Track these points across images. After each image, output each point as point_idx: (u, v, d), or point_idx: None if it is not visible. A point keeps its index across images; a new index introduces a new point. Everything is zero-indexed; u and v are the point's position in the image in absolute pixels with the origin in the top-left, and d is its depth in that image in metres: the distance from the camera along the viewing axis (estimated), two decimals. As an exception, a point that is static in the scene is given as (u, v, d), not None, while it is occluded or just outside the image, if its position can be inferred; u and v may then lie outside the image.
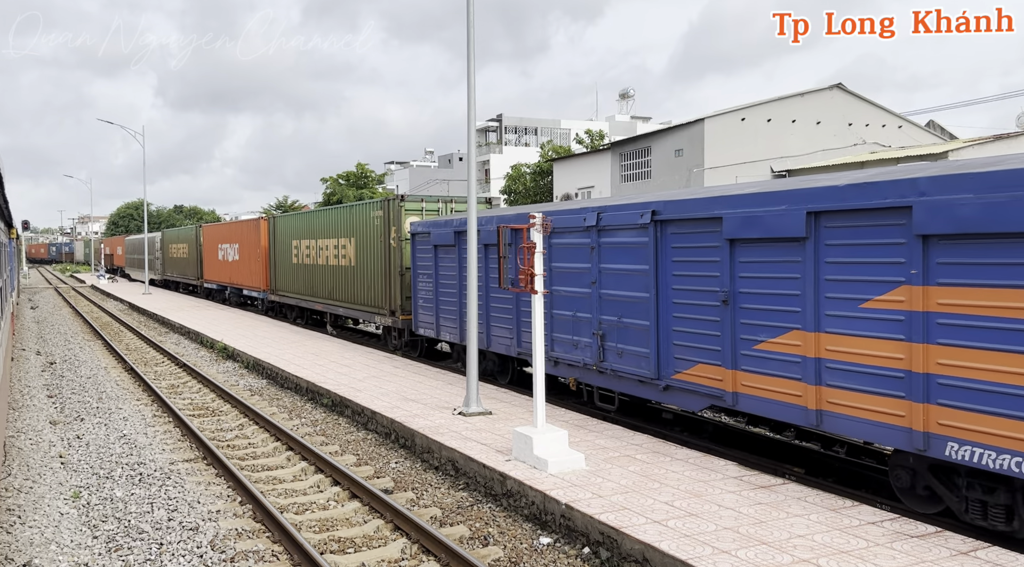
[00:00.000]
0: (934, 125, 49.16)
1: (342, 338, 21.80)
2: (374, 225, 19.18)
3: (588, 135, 55.68)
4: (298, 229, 24.96)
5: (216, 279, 35.72)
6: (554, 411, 11.44)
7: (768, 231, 8.57)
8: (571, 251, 11.79)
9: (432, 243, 15.72)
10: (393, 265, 18.17)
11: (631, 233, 10.61)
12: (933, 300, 7.03)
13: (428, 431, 10.55)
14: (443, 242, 15.28)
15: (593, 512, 7.31)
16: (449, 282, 15.26)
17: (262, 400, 14.81)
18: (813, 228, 8.08)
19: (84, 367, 19.09)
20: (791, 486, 8.16)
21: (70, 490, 9.40)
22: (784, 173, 37.30)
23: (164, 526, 8.12)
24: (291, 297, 25.54)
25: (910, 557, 6.24)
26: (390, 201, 18.55)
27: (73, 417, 13.53)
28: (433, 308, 15.88)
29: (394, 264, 18.13)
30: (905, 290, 7.24)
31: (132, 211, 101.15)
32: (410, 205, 18.38)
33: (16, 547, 7.51)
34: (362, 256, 19.94)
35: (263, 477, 9.92)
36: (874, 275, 7.54)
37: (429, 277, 16.01)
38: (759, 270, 8.77)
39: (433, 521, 8.20)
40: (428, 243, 15.93)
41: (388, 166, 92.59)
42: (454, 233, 14.82)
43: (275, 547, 7.58)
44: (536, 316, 9.35)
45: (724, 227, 9.08)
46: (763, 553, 6.35)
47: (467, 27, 11.46)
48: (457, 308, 14.94)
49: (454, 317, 15.14)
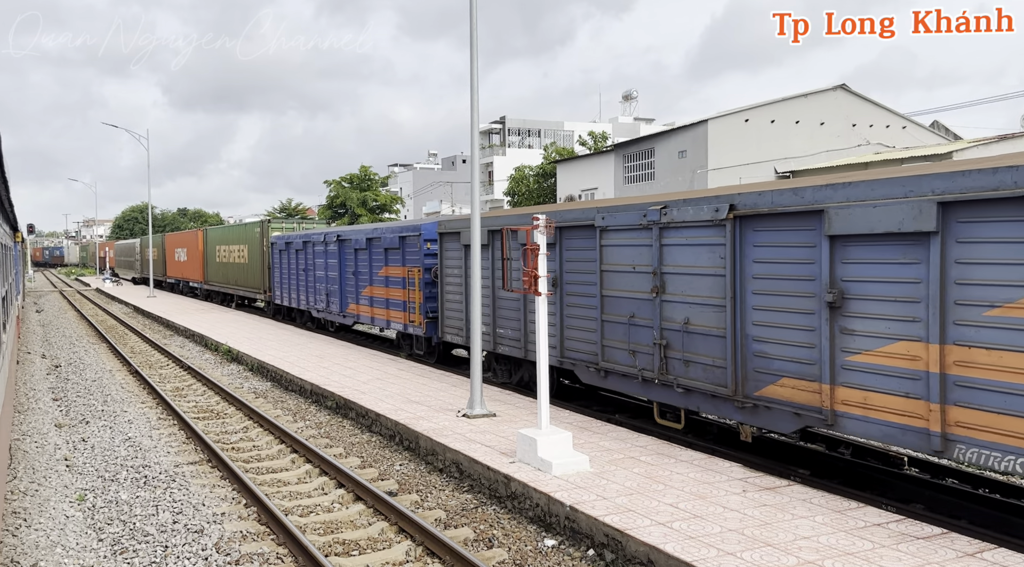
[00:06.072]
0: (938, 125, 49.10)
1: (346, 340, 21.83)
2: (256, 237, 29.49)
3: (591, 137, 55.68)
4: (220, 238, 35.16)
5: (174, 275, 45.86)
6: (558, 413, 11.43)
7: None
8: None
9: (283, 247, 25.90)
10: (265, 262, 28.51)
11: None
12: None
13: (432, 433, 10.55)
14: (288, 247, 25.26)
15: (598, 514, 7.31)
16: (292, 272, 25.17)
17: (266, 402, 14.83)
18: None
19: (89, 370, 19.13)
20: (796, 488, 8.14)
21: (75, 493, 9.42)
22: (788, 174, 37.26)
23: (169, 529, 8.13)
24: (217, 285, 35.97)
25: (916, 559, 6.22)
26: (263, 222, 29.91)
27: (78, 420, 13.56)
28: (284, 285, 26.22)
29: (265, 262, 28.48)
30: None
31: (137, 214, 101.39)
32: (275, 225, 30.11)
33: (22, 550, 7.53)
34: (251, 257, 30.11)
35: (268, 480, 9.93)
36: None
37: (281, 269, 26.36)
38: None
39: (437, 523, 8.20)
40: (285, 247, 25.68)
41: (392, 169, 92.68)
42: (291, 242, 25.09)
43: (280, 550, 7.59)
44: (540, 317, 9.34)
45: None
46: (768, 555, 6.34)
47: (470, 28, 11.47)
48: (292, 284, 25.24)
49: (291, 289, 25.46)
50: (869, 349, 7.62)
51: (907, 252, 7.26)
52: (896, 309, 7.38)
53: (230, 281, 33.41)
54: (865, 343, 7.66)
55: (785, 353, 8.49)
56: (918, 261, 7.17)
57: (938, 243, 6.98)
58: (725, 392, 9.20)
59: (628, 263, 10.72)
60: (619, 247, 10.87)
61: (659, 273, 10.14)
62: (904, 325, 7.31)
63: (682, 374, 9.91)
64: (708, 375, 9.49)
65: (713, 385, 9.40)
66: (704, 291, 9.49)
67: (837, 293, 7.85)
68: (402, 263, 17.60)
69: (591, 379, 11.71)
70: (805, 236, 8.23)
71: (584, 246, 11.62)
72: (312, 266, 23.40)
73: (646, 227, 10.33)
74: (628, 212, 10.69)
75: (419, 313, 16.85)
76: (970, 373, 6.82)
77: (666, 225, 10.01)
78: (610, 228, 11.00)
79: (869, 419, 7.68)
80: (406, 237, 17.41)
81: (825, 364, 7.99)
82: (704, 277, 9.49)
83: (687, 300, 9.76)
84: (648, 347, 10.39)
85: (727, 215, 9.06)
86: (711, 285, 9.38)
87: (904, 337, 7.31)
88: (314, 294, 23.41)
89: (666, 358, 10.11)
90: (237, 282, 32.30)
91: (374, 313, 19.30)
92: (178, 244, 44.49)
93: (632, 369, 10.70)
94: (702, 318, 9.53)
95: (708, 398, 9.58)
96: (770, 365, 8.70)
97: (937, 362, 7.01)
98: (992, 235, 6.67)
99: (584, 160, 50.73)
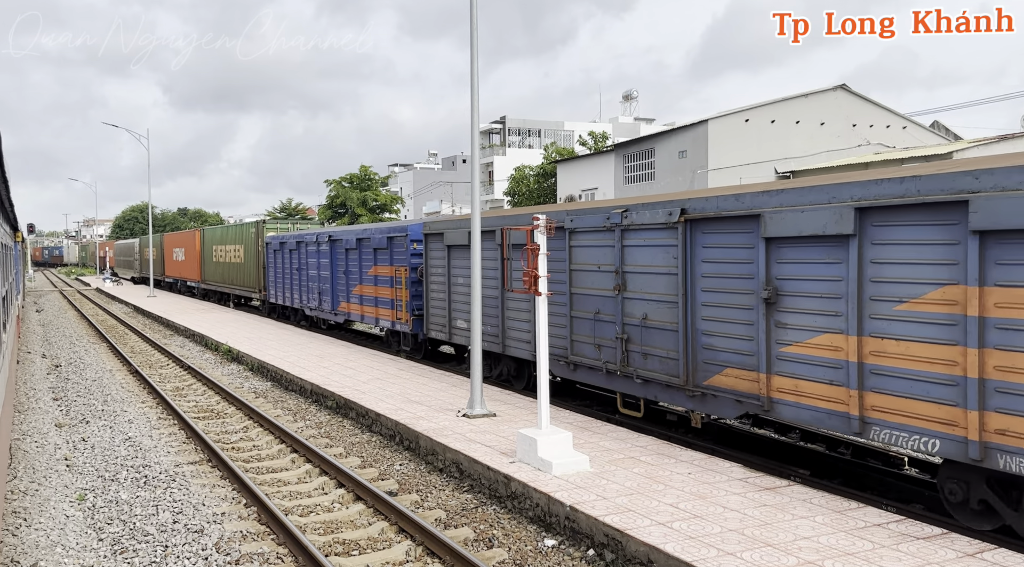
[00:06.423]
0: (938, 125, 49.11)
1: (346, 340, 21.83)
2: (252, 237, 29.97)
3: (591, 137, 55.66)
4: (216, 238, 35.76)
5: (172, 275, 46.26)
6: (558, 413, 11.44)
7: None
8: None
9: (277, 247, 26.39)
10: (260, 262, 28.95)
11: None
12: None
13: (432, 433, 10.55)
14: (283, 247, 25.73)
15: (598, 514, 7.31)
16: (286, 272, 25.69)
17: (267, 402, 14.83)
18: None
19: (89, 370, 19.14)
20: (796, 488, 8.15)
21: (75, 492, 9.42)
22: (788, 174, 37.26)
23: (169, 528, 8.13)
24: (214, 285, 36.41)
25: (916, 559, 6.22)
26: (259, 223, 30.47)
27: (78, 420, 13.56)
28: (278, 284, 26.72)
29: (260, 262, 28.92)
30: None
31: (137, 214, 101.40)
32: (269, 225, 30.97)
33: (22, 550, 7.53)
34: (247, 257, 30.67)
35: (268, 479, 9.94)
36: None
37: (276, 269, 26.79)
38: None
39: (437, 523, 8.20)
40: (279, 247, 26.21)
41: (392, 168, 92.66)
42: (285, 242, 25.36)
43: (280, 549, 7.59)
44: (540, 317, 9.35)
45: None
46: (768, 555, 6.34)
47: (470, 28, 11.48)
48: (286, 283, 25.77)
49: (285, 288, 25.99)
50: (799, 341, 8.30)
51: (830, 253, 7.92)
52: (821, 304, 8.04)
53: (226, 280, 34.05)
54: (796, 336, 8.33)
55: (729, 346, 9.17)
56: (839, 261, 7.82)
57: (856, 245, 7.63)
58: (678, 382, 9.86)
59: (594, 263, 11.31)
60: (586, 248, 11.45)
61: (621, 272, 10.77)
62: (828, 319, 7.97)
63: (641, 366, 10.52)
64: (663, 366, 10.15)
65: (668, 376, 10.06)
66: (660, 289, 10.15)
67: (772, 290, 8.51)
68: (390, 263, 18.14)
69: (561, 372, 12.18)
70: (745, 238, 8.90)
71: (555, 247, 11.95)
72: (305, 266, 23.84)
73: (609, 229, 10.94)
74: (594, 215, 11.27)
75: (406, 310, 17.38)
76: (882, 362, 7.48)
77: (627, 227, 10.65)
78: (578, 230, 11.53)
79: (800, 405, 8.30)
80: (394, 238, 18.00)
81: (762, 355, 8.64)
82: (660, 276, 10.15)
83: (645, 297, 10.41)
84: (611, 341, 10.99)
85: (679, 218, 9.74)
86: (666, 283, 10.04)
87: (828, 330, 7.97)
88: (307, 293, 23.85)
89: (627, 351, 10.73)
90: (233, 281, 32.95)
91: (364, 311, 19.81)
92: (176, 244, 45.21)
93: (598, 362, 11.27)
94: (658, 314, 10.19)
95: (664, 388, 10.23)
96: (716, 357, 9.37)
97: (855, 352, 7.66)
98: (901, 238, 7.32)
99: (584, 160, 50.73)
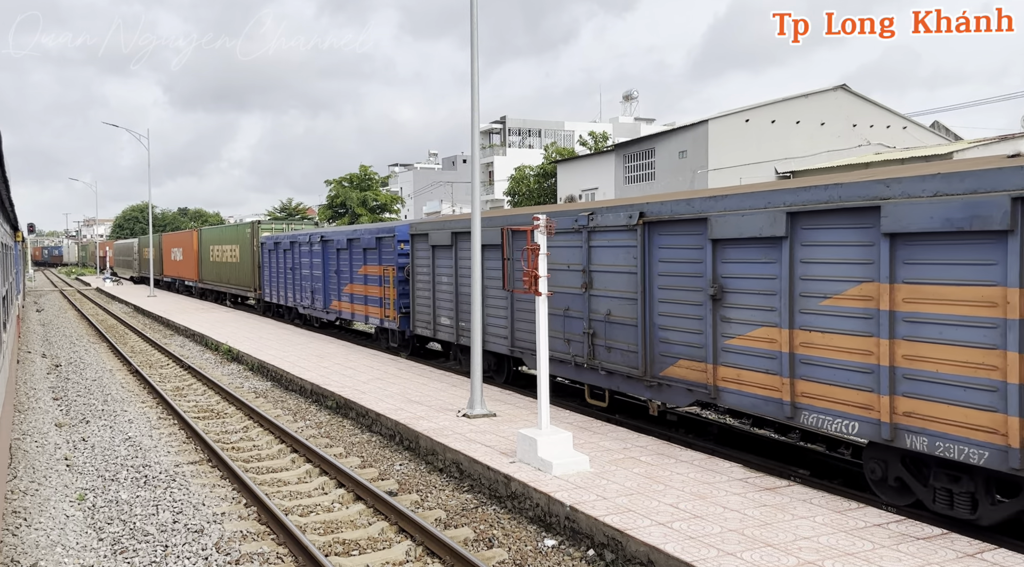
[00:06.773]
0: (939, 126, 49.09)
1: (346, 340, 21.83)
2: (247, 237, 30.81)
3: (592, 137, 55.64)
4: (213, 238, 36.75)
5: (171, 274, 46.78)
6: (558, 413, 11.44)
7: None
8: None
9: (272, 247, 27.19)
10: (255, 262, 29.80)
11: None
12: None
13: (432, 433, 10.55)
14: (277, 247, 26.49)
15: (598, 514, 7.31)
16: (280, 271, 26.32)
17: (267, 402, 14.83)
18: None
19: (89, 370, 19.14)
20: (796, 488, 8.15)
21: (76, 492, 9.42)
22: (788, 174, 37.26)
23: (169, 528, 8.13)
24: (211, 284, 37.30)
25: (916, 559, 6.22)
26: (254, 223, 31.42)
27: (79, 419, 13.57)
28: (273, 283, 27.35)
29: (256, 261, 29.68)
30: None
31: (137, 214, 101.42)
32: (264, 226, 31.62)
33: (22, 549, 7.53)
34: (243, 256, 31.39)
35: (268, 479, 9.94)
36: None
37: (271, 268, 27.49)
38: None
39: (438, 523, 8.20)
40: (274, 247, 26.91)
41: (392, 168, 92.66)
42: (279, 242, 26.18)
43: (280, 549, 7.59)
44: (540, 317, 9.34)
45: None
46: (768, 555, 6.34)
47: (470, 27, 11.47)
48: (280, 282, 26.35)
49: (279, 287, 26.44)
50: (741, 334, 8.96)
51: (766, 253, 8.60)
52: (759, 300, 8.71)
53: (223, 280, 34.91)
54: (738, 329, 9.00)
55: (682, 339, 9.84)
56: (774, 261, 8.50)
57: (788, 246, 8.30)
58: (637, 373, 10.51)
59: (564, 262, 11.85)
60: (558, 248, 11.81)
61: (588, 271, 11.41)
62: (765, 314, 8.64)
63: (606, 359, 11.18)
64: (625, 359, 10.79)
65: (628, 367, 10.70)
66: (622, 286, 10.78)
67: (718, 288, 9.19)
68: (379, 262, 18.57)
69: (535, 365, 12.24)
70: (695, 240, 9.58)
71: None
72: (298, 265, 24.29)
73: (578, 231, 11.55)
74: (565, 217, 11.74)
75: (393, 308, 17.84)
76: (810, 352, 8.16)
77: (593, 229, 11.30)
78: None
79: (742, 393, 8.97)
80: (382, 238, 18.51)
81: (710, 348, 9.33)
82: (622, 274, 10.79)
83: (609, 294, 11.06)
84: (580, 336, 11.64)
85: (638, 221, 10.38)
86: (627, 281, 10.69)
87: (765, 323, 8.64)
88: (300, 292, 24.32)
89: (593, 345, 11.40)
90: (230, 281, 33.77)
91: (354, 309, 20.27)
92: (174, 244, 46.02)
93: (567, 356, 11.87)
94: (620, 310, 10.83)
95: (625, 379, 10.87)
96: (671, 349, 10.04)
97: (787, 344, 8.32)
98: (825, 239, 7.98)
99: (584, 160, 50.72)
